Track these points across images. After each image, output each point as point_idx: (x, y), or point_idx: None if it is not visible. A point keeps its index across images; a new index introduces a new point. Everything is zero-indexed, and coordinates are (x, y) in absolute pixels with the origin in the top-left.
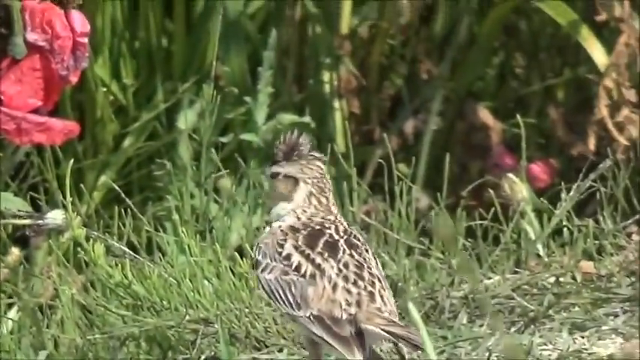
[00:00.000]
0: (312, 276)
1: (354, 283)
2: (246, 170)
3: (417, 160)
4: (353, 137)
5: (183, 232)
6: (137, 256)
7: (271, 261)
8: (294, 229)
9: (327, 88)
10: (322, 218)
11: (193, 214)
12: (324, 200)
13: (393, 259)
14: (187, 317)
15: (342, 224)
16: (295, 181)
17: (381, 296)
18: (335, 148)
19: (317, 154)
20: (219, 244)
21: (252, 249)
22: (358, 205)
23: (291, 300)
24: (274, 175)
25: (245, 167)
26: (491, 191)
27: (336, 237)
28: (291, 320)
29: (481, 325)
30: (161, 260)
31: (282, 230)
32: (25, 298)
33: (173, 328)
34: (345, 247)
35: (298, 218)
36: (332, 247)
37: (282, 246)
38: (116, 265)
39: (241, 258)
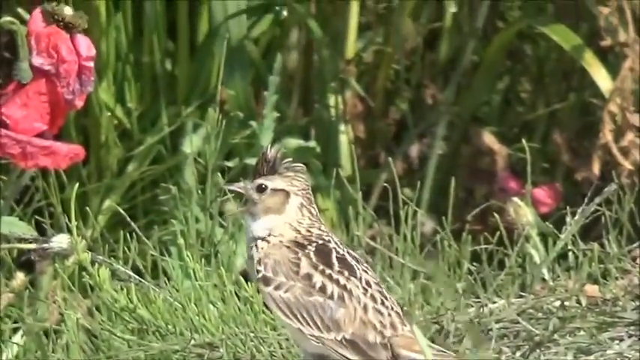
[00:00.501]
0: (341, 297)
1: (382, 303)
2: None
3: (422, 185)
4: (358, 161)
5: (188, 256)
6: (142, 280)
7: (287, 279)
8: (299, 245)
9: (332, 112)
10: (319, 230)
11: (198, 238)
12: (314, 211)
13: (399, 283)
14: (192, 341)
15: (333, 235)
16: (286, 193)
17: (402, 315)
18: (340, 172)
19: (300, 166)
20: (225, 268)
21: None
22: (363, 229)
23: (319, 322)
24: (261, 189)
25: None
26: (496, 215)
27: (341, 251)
28: (317, 343)
29: (487, 349)
30: (166, 284)
31: (287, 247)
32: (31, 322)
33: (178, 352)
34: (355, 263)
35: (297, 231)
36: (346, 264)
37: (297, 264)
38: (121, 289)
39: (246, 282)
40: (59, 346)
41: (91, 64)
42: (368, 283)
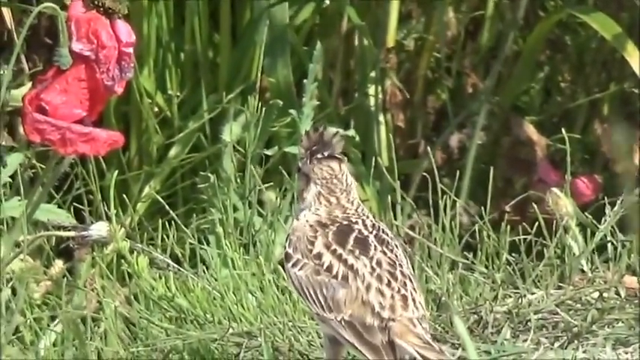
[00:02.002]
0: (345, 277)
1: (388, 284)
2: (290, 183)
3: (461, 174)
4: (397, 151)
5: (226, 244)
6: (181, 268)
7: (302, 257)
8: (322, 225)
9: (372, 101)
10: (346, 213)
11: (237, 227)
12: (333, 200)
13: (437, 273)
14: (231, 330)
15: (368, 218)
16: (308, 179)
17: (413, 300)
18: (379, 161)
19: (331, 153)
20: (263, 257)
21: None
22: (402, 219)
23: (322, 301)
24: (297, 171)
25: (289, 180)
26: (535, 206)
27: (365, 232)
28: (321, 321)
29: (525, 340)
30: (205, 273)
31: (311, 225)
32: (69, 310)
33: (216, 341)
34: (376, 243)
35: (328, 212)
36: (363, 244)
37: (312, 243)
38: (160, 277)
39: (285, 271)
40: (97, 334)
41: (131, 50)
42: (379, 263)
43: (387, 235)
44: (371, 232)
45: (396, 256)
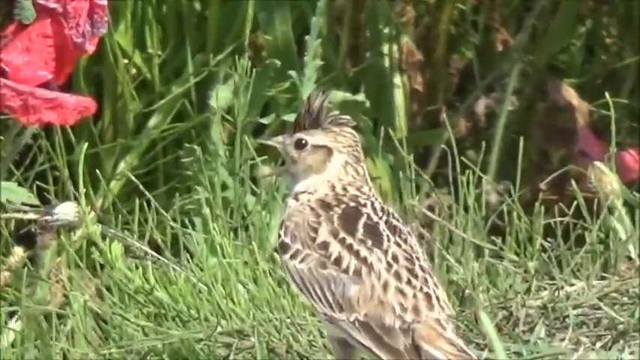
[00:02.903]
0: (357, 272)
1: (408, 282)
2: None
3: (488, 146)
4: (415, 118)
5: (214, 229)
6: (161, 257)
7: (303, 247)
8: (325, 205)
9: (386, 61)
10: (357, 190)
11: (227, 208)
12: (360, 170)
13: (460, 261)
14: (219, 329)
15: (377, 200)
16: (328, 150)
17: (437, 298)
18: (393, 131)
19: (346, 118)
20: (257, 243)
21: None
22: (419, 199)
23: (331, 299)
24: (301, 144)
25: None
26: (574, 183)
27: (375, 218)
28: (328, 322)
29: (562, 340)
30: (189, 262)
31: (311, 208)
32: (30, 305)
33: (202, 341)
34: (388, 232)
35: (333, 187)
36: (374, 233)
37: (315, 230)
38: (136, 267)
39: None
40: (63, 333)
41: (105, 2)
42: (395, 258)
43: (399, 221)
44: (381, 218)
45: (412, 247)
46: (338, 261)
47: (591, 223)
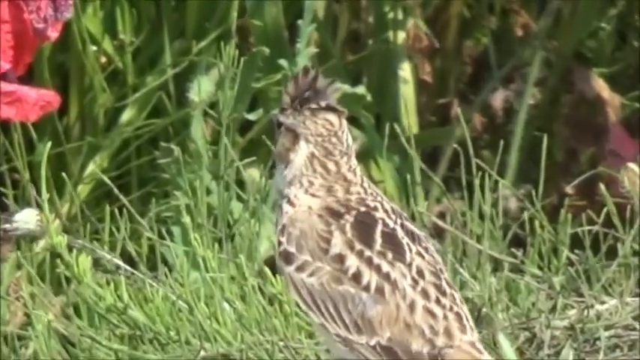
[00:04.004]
0: (380, 290)
1: (437, 301)
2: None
3: (506, 145)
4: (423, 114)
5: (196, 239)
6: (135, 271)
7: (313, 259)
8: (333, 213)
9: (390, 48)
10: (358, 193)
11: (210, 215)
12: (332, 167)
13: (475, 276)
14: (202, 353)
15: (384, 200)
16: (296, 136)
17: (467, 317)
18: (399, 128)
19: (329, 104)
20: (244, 255)
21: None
22: (429, 205)
23: (347, 319)
24: (278, 125)
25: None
26: (604, 187)
27: (391, 223)
28: (342, 345)
29: None
30: (167, 277)
31: (319, 215)
32: None
33: None
34: (408, 240)
35: (318, 197)
36: (393, 243)
37: (327, 241)
38: (107, 283)
39: (273, 274)
40: (24, 357)
41: None
42: (420, 273)
43: (412, 224)
44: (396, 223)
45: (433, 257)
46: (356, 277)
47: (624, 233)
